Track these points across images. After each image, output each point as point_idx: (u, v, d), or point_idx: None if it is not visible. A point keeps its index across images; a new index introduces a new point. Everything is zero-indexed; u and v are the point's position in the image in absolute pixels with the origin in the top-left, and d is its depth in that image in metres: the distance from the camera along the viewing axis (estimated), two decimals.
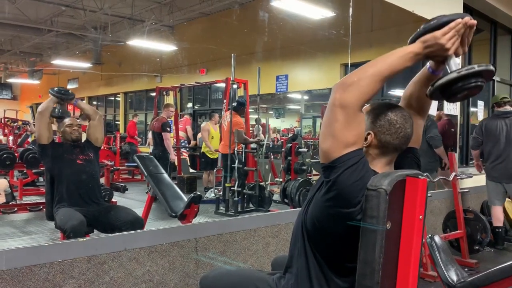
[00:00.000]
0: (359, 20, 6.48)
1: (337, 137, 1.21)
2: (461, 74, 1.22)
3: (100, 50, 13.23)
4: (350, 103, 1.19)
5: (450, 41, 1.24)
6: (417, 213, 1.22)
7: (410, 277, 1.22)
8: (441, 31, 1.23)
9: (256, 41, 9.47)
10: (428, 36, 1.24)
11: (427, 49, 1.25)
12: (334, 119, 1.21)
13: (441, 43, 1.23)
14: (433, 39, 1.24)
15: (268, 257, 2.78)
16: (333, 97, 1.22)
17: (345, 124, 1.20)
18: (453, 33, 1.24)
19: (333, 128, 1.21)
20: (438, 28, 1.24)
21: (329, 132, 1.22)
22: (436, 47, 1.24)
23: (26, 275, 1.83)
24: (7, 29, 12.15)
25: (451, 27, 1.24)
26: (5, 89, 16.99)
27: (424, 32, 1.26)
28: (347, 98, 1.20)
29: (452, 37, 1.24)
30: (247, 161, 5.88)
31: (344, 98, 1.20)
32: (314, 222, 1.33)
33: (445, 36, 1.23)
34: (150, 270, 2.24)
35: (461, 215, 4.05)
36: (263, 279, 1.53)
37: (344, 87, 1.21)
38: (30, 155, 5.28)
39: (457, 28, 1.24)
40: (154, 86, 9.56)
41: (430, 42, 1.24)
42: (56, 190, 3.00)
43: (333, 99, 1.22)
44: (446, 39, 1.23)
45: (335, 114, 1.21)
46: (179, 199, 3.53)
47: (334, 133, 1.21)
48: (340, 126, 1.20)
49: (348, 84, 1.21)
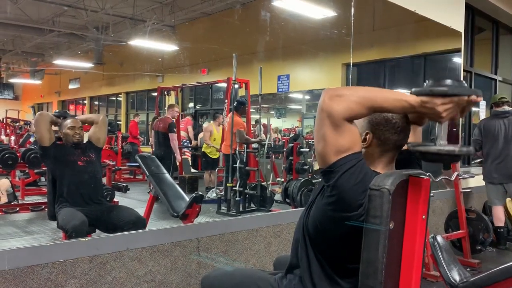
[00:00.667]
0: (360, 19, 6.48)
1: (329, 142, 1.21)
2: (441, 152, 1.26)
3: (101, 50, 13.23)
4: (335, 113, 1.19)
5: (447, 112, 1.24)
6: (420, 213, 1.22)
7: (413, 277, 1.21)
8: (442, 100, 1.22)
9: (258, 41, 9.47)
10: (430, 99, 1.23)
11: (422, 108, 1.24)
12: (323, 123, 1.22)
13: (438, 111, 1.23)
14: (433, 104, 1.23)
15: (270, 257, 2.78)
16: (322, 99, 1.23)
17: (333, 131, 1.21)
18: (452, 105, 1.23)
19: (323, 132, 1.22)
20: (445, 94, 1.23)
21: (321, 135, 1.23)
22: (432, 111, 1.24)
23: (29, 275, 1.83)
24: (9, 29, 12.16)
25: (453, 100, 1.22)
26: (7, 89, 17.01)
27: (430, 94, 1.24)
28: (333, 107, 1.20)
29: (450, 108, 1.23)
30: (249, 161, 5.88)
31: (330, 105, 1.20)
32: (316, 225, 1.33)
33: (444, 106, 1.23)
34: (152, 270, 2.24)
35: (463, 215, 4.04)
36: (265, 279, 1.52)
37: (334, 95, 1.21)
38: (32, 155, 5.28)
39: (459, 102, 1.23)
40: (156, 86, 9.56)
41: (428, 105, 1.23)
42: (58, 190, 3.00)
43: (321, 102, 1.22)
44: (444, 109, 1.23)
45: (322, 119, 1.22)
46: (181, 199, 3.53)
47: (325, 137, 1.22)
48: (329, 132, 1.21)
49: (338, 94, 1.21)
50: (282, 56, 9.84)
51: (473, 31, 5.87)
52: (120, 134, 8.86)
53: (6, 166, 5.35)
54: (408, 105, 1.23)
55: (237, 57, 5.46)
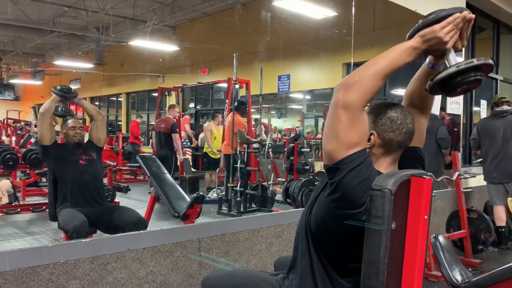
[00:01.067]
0: (361, 19, 6.48)
1: (341, 138, 1.20)
2: (460, 68, 1.22)
3: (102, 51, 13.25)
4: (353, 103, 1.19)
5: (449, 35, 1.24)
6: (422, 213, 1.21)
7: (415, 277, 1.21)
8: (439, 25, 1.24)
9: (258, 41, 9.46)
10: (427, 30, 1.25)
11: (425, 43, 1.25)
12: (337, 120, 1.20)
13: (439, 37, 1.24)
14: (432, 32, 1.24)
15: (271, 257, 2.77)
16: (335, 97, 1.22)
17: (348, 124, 1.19)
18: (451, 27, 1.24)
19: (337, 129, 1.21)
20: (437, 22, 1.25)
21: (333, 133, 1.22)
22: (434, 40, 1.24)
23: (30, 276, 1.83)
24: (10, 30, 12.17)
25: (449, 21, 1.24)
26: (7, 90, 17.02)
27: (422, 27, 1.27)
28: (350, 98, 1.19)
29: (451, 30, 1.24)
30: (250, 161, 5.88)
31: (346, 98, 1.20)
32: (318, 223, 1.33)
33: (443, 29, 1.24)
34: (153, 270, 2.23)
35: (464, 215, 4.03)
36: (266, 279, 1.52)
37: (346, 87, 1.21)
38: (33, 156, 5.29)
39: (455, 22, 1.25)
40: (156, 87, 9.56)
41: (428, 36, 1.25)
42: (59, 190, 3.00)
43: (335, 100, 1.21)
44: (444, 32, 1.24)
45: (338, 115, 1.20)
46: (182, 199, 3.53)
47: (338, 134, 1.20)
48: (344, 127, 1.20)
49: (350, 84, 1.21)
50: (282, 56, 9.84)
51: (474, 30, 5.86)
52: (121, 135, 8.87)
53: (7, 166, 5.36)
54: (413, 49, 1.25)
55: (238, 57, 5.45)
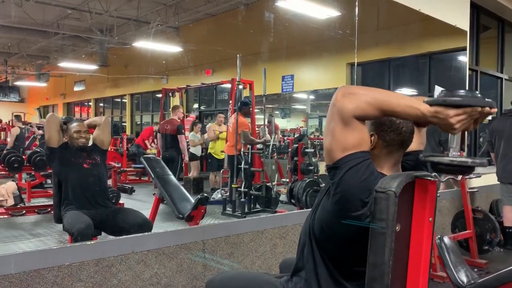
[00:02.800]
0: (365, 19, 6.45)
1: (336, 137, 1.22)
2: (453, 163, 1.22)
3: (106, 52, 13.29)
4: (346, 110, 1.20)
5: (460, 123, 1.19)
6: (426, 215, 1.21)
7: (420, 280, 1.20)
8: (455, 111, 1.18)
9: (262, 42, 9.46)
10: (443, 109, 1.19)
11: (434, 119, 1.21)
12: (332, 118, 1.23)
13: (451, 122, 1.19)
14: (445, 115, 1.19)
15: (275, 259, 2.77)
16: (335, 96, 1.24)
17: (342, 127, 1.21)
18: (465, 117, 1.19)
19: (332, 127, 1.23)
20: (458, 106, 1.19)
21: (330, 130, 1.24)
22: (444, 122, 1.20)
23: (35, 279, 1.83)
24: (14, 32, 12.22)
25: (466, 111, 1.18)
26: (12, 92, 17.11)
27: (444, 104, 1.20)
28: (344, 104, 1.21)
29: (463, 120, 1.19)
30: (254, 161, 5.87)
31: (342, 102, 1.21)
32: (322, 227, 1.33)
33: (457, 117, 1.19)
34: (158, 272, 2.24)
35: (470, 215, 4.01)
36: (270, 282, 1.52)
37: (347, 93, 1.22)
38: (38, 158, 5.30)
39: (472, 114, 1.19)
40: (160, 88, 9.57)
41: (441, 116, 1.20)
42: (64, 193, 3.01)
43: (334, 98, 1.24)
44: (457, 120, 1.19)
45: (333, 114, 1.23)
46: (186, 200, 3.54)
47: (333, 132, 1.23)
48: (338, 128, 1.22)
49: (351, 92, 1.22)
50: (286, 56, 9.83)
51: (478, 29, 5.84)
52: (125, 136, 8.88)
53: (12, 168, 5.38)
54: (421, 114, 1.21)
55: (241, 57, 5.45)
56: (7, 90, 17.00)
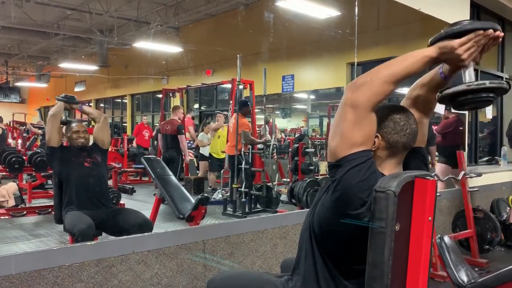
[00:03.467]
0: (365, 19, 6.45)
1: (345, 136, 1.21)
2: (470, 88, 1.18)
3: (106, 53, 13.30)
4: (361, 103, 1.19)
5: (467, 52, 1.18)
6: (426, 215, 1.21)
7: (420, 280, 1.20)
8: (459, 41, 1.17)
9: (262, 42, 9.46)
10: (446, 43, 1.19)
11: (443, 55, 1.20)
12: (344, 118, 1.21)
13: (457, 54, 1.18)
14: (450, 47, 1.18)
15: (276, 259, 2.77)
16: (344, 96, 1.23)
17: (354, 123, 1.20)
18: (471, 44, 1.18)
19: (342, 127, 1.22)
20: (460, 35, 1.18)
21: (338, 131, 1.23)
22: (452, 55, 1.19)
23: (35, 279, 1.83)
24: (15, 33, 12.25)
25: (470, 38, 1.17)
26: (13, 93, 17.14)
27: (444, 37, 1.20)
28: (358, 98, 1.20)
29: (470, 48, 1.18)
30: (254, 161, 5.88)
31: (355, 97, 1.20)
32: (321, 224, 1.33)
33: (462, 46, 1.18)
34: (158, 273, 2.24)
35: (470, 214, 4.01)
36: (270, 281, 1.52)
37: (356, 87, 1.21)
38: (39, 159, 5.31)
39: (476, 39, 1.18)
40: (161, 88, 9.58)
41: (446, 50, 1.19)
42: (65, 193, 3.02)
43: (344, 99, 1.22)
44: (463, 49, 1.18)
45: (345, 113, 1.21)
46: (187, 200, 3.54)
47: (342, 132, 1.22)
48: (349, 125, 1.20)
49: (360, 84, 1.21)
50: (286, 56, 9.83)
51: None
52: (126, 136, 8.89)
53: (13, 169, 5.39)
54: (429, 59, 1.20)
55: (242, 58, 5.46)
56: (8, 91, 17.03)
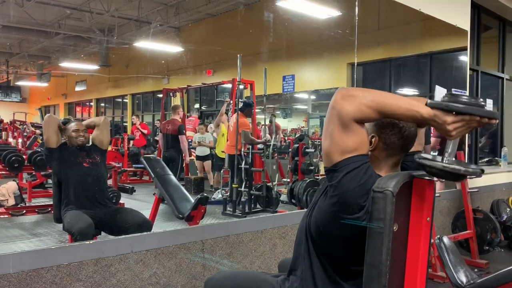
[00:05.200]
0: (365, 19, 6.44)
1: (335, 140, 1.21)
2: (445, 170, 1.19)
3: (107, 52, 13.31)
4: (346, 113, 1.19)
5: (456, 130, 1.19)
6: (424, 215, 1.21)
7: (418, 280, 1.20)
8: (452, 118, 1.17)
9: (262, 42, 9.46)
10: (441, 115, 1.19)
11: (434, 122, 1.20)
12: (331, 120, 1.22)
13: (448, 129, 1.19)
14: (443, 121, 1.19)
15: (275, 259, 2.77)
16: (334, 98, 1.23)
17: (341, 130, 1.20)
18: (463, 124, 1.18)
19: (331, 130, 1.22)
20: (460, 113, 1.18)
21: (328, 132, 1.23)
22: (441, 127, 1.20)
23: (33, 278, 1.83)
24: (15, 32, 12.25)
25: (464, 119, 1.18)
26: (14, 92, 17.10)
27: (445, 109, 1.19)
28: (344, 106, 1.20)
29: (461, 127, 1.19)
30: (254, 161, 5.87)
31: (341, 105, 1.20)
32: (318, 227, 1.32)
33: (454, 124, 1.18)
34: (157, 272, 2.24)
35: (470, 215, 4.00)
36: (267, 281, 1.52)
37: (346, 94, 1.21)
38: (39, 158, 5.30)
39: (470, 122, 1.18)
40: (161, 88, 9.58)
41: (439, 120, 1.19)
42: (64, 193, 3.02)
43: (333, 100, 1.23)
44: (453, 127, 1.18)
45: (332, 116, 1.22)
46: (186, 200, 3.54)
47: (332, 135, 1.22)
48: (337, 130, 1.21)
49: (350, 95, 1.21)
50: (287, 56, 9.83)
51: (479, 29, 5.82)
52: (126, 136, 8.88)
53: (13, 168, 5.38)
54: (420, 117, 1.20)
55: (242, 58, 5.45)
56: (9, 90, 17.00)
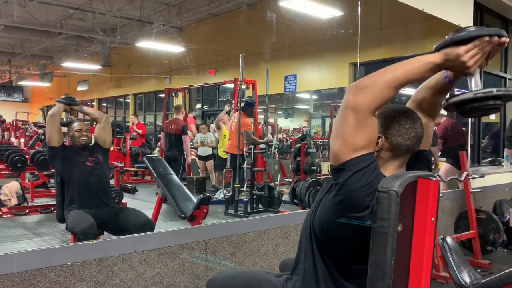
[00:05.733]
0: (368, 19, 6.45)
1: (347, 139, 1.19)
2: (477, 96, 1.17)
3: (109, 52, 13.33)
4: (362, 107, 1.17)
5: (473, 59, 1.17)
6: (429, 215, 1.20)
7: (422, 280, 1.20)
8: (464, 47, 1.15)
9: (264, 42, 9.46)
10: (451, 49, 1.17)
11: (448, 62, 1.18)
12: (345, 121, 1.19)
13: (463, 61, 1.16)
14: (456, 54, 1.16)
15: (277, 259, 2.76)
16: (345, 99, 1.20)
17: (355, 127, 1.18)
18: (476, 50, 1.16)
19: (343, 130, 1.20)
20: (465, 42, 1.16)
21: (339, 134, 1.21)
22: (457, 62, 1.17)
23: (37, 278, 1.84)
24: (18, 32, 12.29)
25: (475, 44, 1.16)
26: (16, 92, 17.15)
27: (450, 43, 1.18)
28: (359, 101, 1.17)
29: (475, 54, 1.16)
30: (256, 161, 5.86)
31: (356, 100, 1.18)
32: (322, 226, 1.32)
33: (468, 53, 1.16)
34: (159, 272, 2.24)
35: (473, 215, 3.99)
36: (269, 280, 1.52)
37: (357, 90, 1.19)
38: (41, 157, 5.31)
39: (481, 45, 1.16)
40: (163, 88, 9.59)
41: (451, 56, 1.17)
42: (67, 192, 3.02)
43: (345, 101, 1.20)
44: (468, 56, 1.16)
45: (346, 116, 1.19)
46: (189, 200, 3.54)
47: (344, 135, 1.20)
48: (350, 128, 1.18)
49: (362, 87, 1.19)
50: (289, 56, 9.83)
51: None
52: (128, 136, 8.89)
53: (15, 168, 5.39)
54: (433, 65, 1.18)
55: (244, 57, 5.45)
56: (11, 90, 17.05)
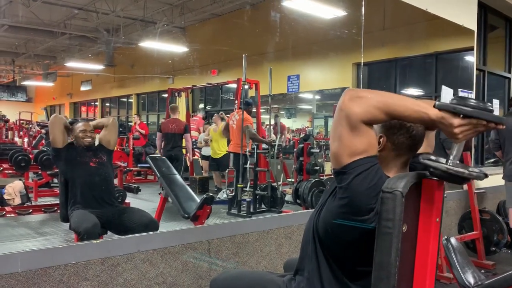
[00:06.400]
0: (371, 19, 6.42)
1: (344, 142, 1.21)
2: (448, 172, 1.18)
3: (112, 52, 13.35)
4: (353, 114, 1.18)
5: (463, 134, 1.18)
6: (433, 216, 1.20)
7: (427, 281, 1.19)
8: (459, 121, 1.16)
9: (268, 42, 9.45)
10: (448, 117, 1.18)
11: (441, 124, 1.19)
12: (340, 123, 1.21)
13: (454, 132, 1.18)
14: (450, 124, 1.17)
15: (281, 259, 2.77)
16: (342, 99, 1.22)
17: (349, 132, 1.20)
18: (469, 127, 1.17)
19: (340, 132, 1.21)
20: (467, 116, 1.17)
21: (337, 134, 1.22)
22: (448, 129, 1.18)
23: (41, 277, 1.84)
24: (22, 32, 12.31)
25: (471, 122, 1.16)
26: (20, 92, 17.19)
27: (453, 111, 1.18)
28: (352, 108, 1.19)
29: (467, 130, 1.18)
30: (259, 161, 5.86)
31: (350, 106, 1.19)
32: (326, 228, 1.32)
33: (460, 127, 1.17)
34: (163, 272, 2.24)
35: (477, 216, 3.98)
36: (272, 281, 1.52)
37: (354, 96, 1.20)
38: (45, 157, 5.33)
39: (476, 126, 1.17)
40: (166, 88, 9.60)
41: (446, 122, 1.18)
42: (70, 192, 3.03)
43: (341, 102, 1.22)
44: (460, 130, 1.17)
45: (340, 119, 1.21)
46: (192, 200, 3.54)
47: (341, 137, 1.21)
48: (346, 132, 1.20)
49: (359, 96, 1.20)
50: (292, 56, 9.82)
51: (486, 29, 5.79)
52: (131, 136, 8.91)
53: (19, 168, 5.41)
54: (428, 119, 1.19)
55: (247, 57, 5.45)
56: (15, 90, 17.09)
